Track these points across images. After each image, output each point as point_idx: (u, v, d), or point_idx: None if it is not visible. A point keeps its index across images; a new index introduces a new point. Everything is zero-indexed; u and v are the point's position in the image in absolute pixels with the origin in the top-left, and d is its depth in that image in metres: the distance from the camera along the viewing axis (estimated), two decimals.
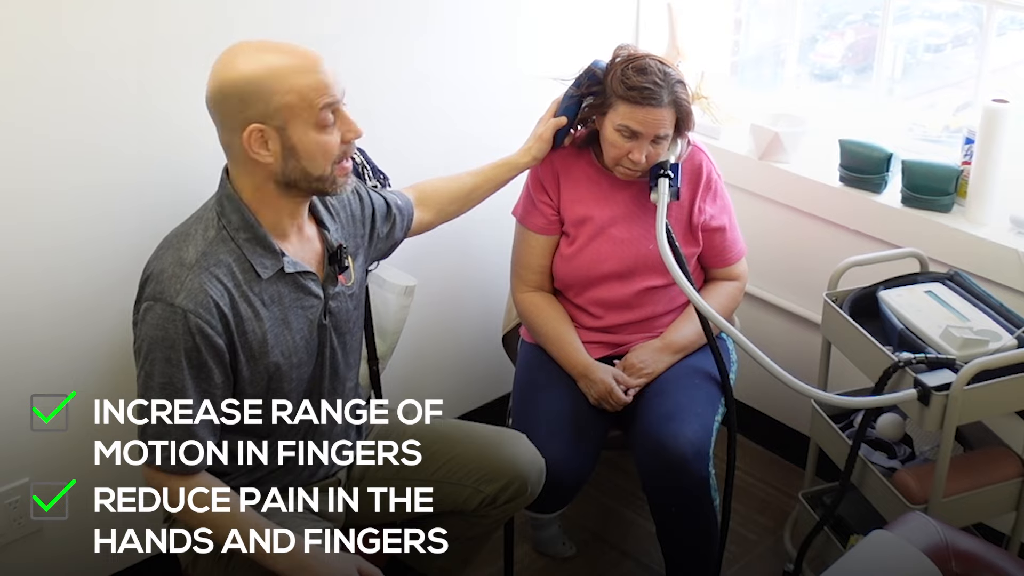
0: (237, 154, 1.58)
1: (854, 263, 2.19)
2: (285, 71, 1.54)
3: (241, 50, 1.55)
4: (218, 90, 1.54)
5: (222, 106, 1.55)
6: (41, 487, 2.08)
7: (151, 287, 1.58)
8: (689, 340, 2.19)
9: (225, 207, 1.60)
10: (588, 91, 2.05)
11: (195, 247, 1.58)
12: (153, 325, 1.56)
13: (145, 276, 1.61)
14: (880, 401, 1.92)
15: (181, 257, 1.57)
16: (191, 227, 1.62)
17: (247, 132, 1.54)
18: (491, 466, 1.88)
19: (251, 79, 1.52)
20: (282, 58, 1.55)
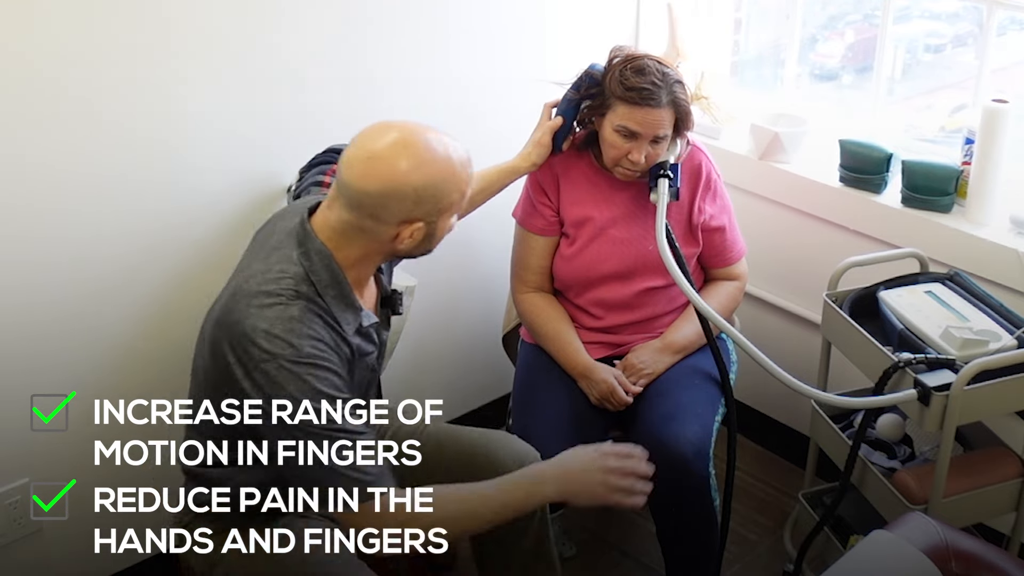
0: (374, 239, 1.56)
1: (854, 263, 2.19)
2: (456, 175, 1.56)
3: (415, 151, 1.53)
4: (389, 191, 1.51)
5: (388, 203, 1.52)
6: (41, 487, 2.08)
7: (267, 345, 1.49)
8: (689, 340, 2.19)
9: (314, 263, 1.56)
10: (587, 94, 2.05)
11: (294, 301, 1.53)
12: (294, 379, 1.50)
13: (247, 336, 1.51)
14: (880, 401, 1.92)
15: (284, 314, 1.51)
16: (277, 281, 1.54)
17: (409, 228, 1.55)
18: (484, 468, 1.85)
19: (429, 185, 1.53)
20: (452, 161, 1.55)
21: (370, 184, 1.51)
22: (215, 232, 2.14)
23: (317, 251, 1.56)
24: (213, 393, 1.60)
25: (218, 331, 1.56)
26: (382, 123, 1.58)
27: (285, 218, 1.70)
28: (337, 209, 1.56)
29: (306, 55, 2.15)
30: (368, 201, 1.52)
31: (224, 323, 1.55)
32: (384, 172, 1.51)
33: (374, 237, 1.56)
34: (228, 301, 1.57)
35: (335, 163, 2.10)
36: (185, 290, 2.14)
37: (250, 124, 2.11)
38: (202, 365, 1.66)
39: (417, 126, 1.57)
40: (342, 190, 1.55)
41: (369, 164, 1.52)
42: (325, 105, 2.22)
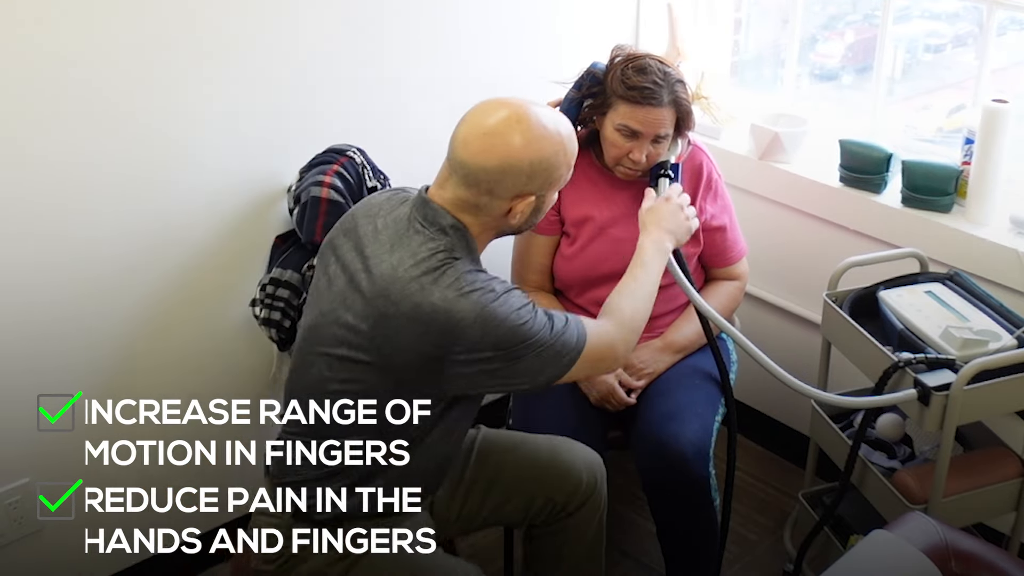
0: (488, 213, 1.61)
1: (854, 263, 2.19)
2: (566, 149, 1.63)
3: (528, 127, 1.57)
4: (506, 166, 1.56)
5: (504, 178, 1.57)
6: (47, 487, 2.08)
7: (466, 306, 1.54)
8: (690, 340, 2.19)
9: (452, 237, 1.60)
10: (588, 93, 2.05)
11: (458, 267, 1.57)
12: (498, 320, 1.55)
13: (442, 313, 1.53)
14: (880, 401, 1.92)
15: (459, 276, 1.56)
16: (430, 259, 1.57)
17: (522, 201, 1.61)
18: (556, 471, 1.90)
19: (542, 159, 1.59)
20: (562, 135, 1.62)
21: (488, 160, 1.56)
22: (215, 231, 2.14)
23: (451, 226, 1.60)
24: (403, 388, 1.61)
25: (385, 330, 1.56)
26: (492, 101, 1.61)
27: (378, 214, 1.68)
28: (451, 188, 1.60)
29: (307, 55, 2.15)
30: (485, 177, 1.57)
31: (399, 317, 1.55)
32: (501, 148, 1.56)
33: (489, 212, 1.61)
34: (383, 301, 1.56)
35: (335, 163, 2.11)
36: (186, 289, 2.14)
37: (250, 124, 2.12)
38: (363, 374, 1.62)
39: (525, 102, 1.61)
40: (457, 169, 1.58)
41: (486, 140, 1.56)
42: (325, 105, 2.22)
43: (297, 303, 2.13)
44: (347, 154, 2.14)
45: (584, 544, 1.96)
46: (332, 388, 1.63)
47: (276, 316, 2.12)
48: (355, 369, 1.61)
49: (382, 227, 1.65)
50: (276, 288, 2.12)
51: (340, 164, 2.11)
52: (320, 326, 1.65)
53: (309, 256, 2.11)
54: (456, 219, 1.60)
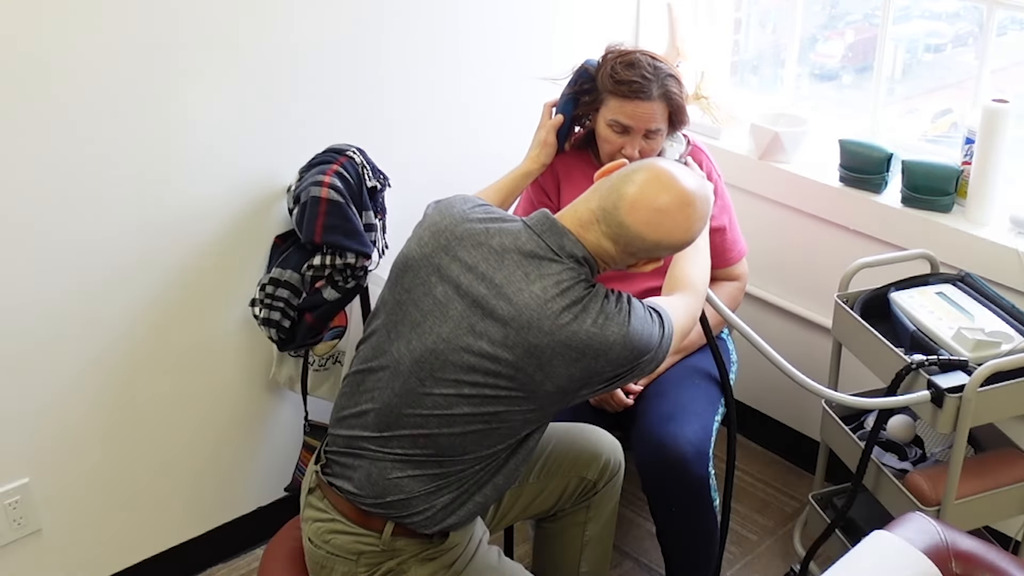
0: (617, 262, 1.68)
1: (865, 264, 2.18)
2: (707, 219, 1.73)
3: (693, 212, 1.65)
4: (663, 243, 1.65)
5: (653, 249, 1.66)
6: (43, 487, 2.08)
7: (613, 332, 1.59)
8: (690, 340, 2.19)
9: (588, 267, 1.64)
10: (581, 89, 2.05)
11: (592, 290, 1.62)
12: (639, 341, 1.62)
13: (596, 338, 1.58)
14: (894, 402, 1.91)
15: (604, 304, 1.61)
16: (575, 288, 1.61)
17: (650, 263, 1.70)
18: (587, 453, 1.97)
19: (692, 237, 1.68)
20: (709, 207, 1.71)
21: (649, 234, 1.62)
22: (215, 232, 2.14)
23: (585, 258, 1.63)
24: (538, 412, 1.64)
25: (538, 360, 1.58)
26: (666, 178, 1.64)
27: (497, 234, 1.65)
28: (595, 235, 1.64)
29: (306, 55, 2.15)
30: (640, 244, 1.64)
31: (553, 346, 1.57)
32: (667, 228, 1.63)
33: (617, 263, 1.68)
34: (532, 332, 1.57)
35: (335, 163, 2.10)
36: (185, 289, 2.14)
37: (250, 124, 2.12)
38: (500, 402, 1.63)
39: (691, 180, 1.65)
40: (614, 226, 1.62)
41: (655, 216, 1.61)
42: (325, 105, 2.22)
43: (296, 303, 2.13)
44: (347, 154, 2.14)
45: (603, 520, 2.02)
46: (459, 414, 1.62)
47: (275, 316, 2.12)
48: (490, 396, 1.60)
49: (502, 249, 1.63)
50: (276, 288, 2.12)
51: (340, 164, 2.11)
52: (443, 352, 1.61)
53: (309, 256, 2.11)
54: (589, 252, 1.64)
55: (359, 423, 1.69)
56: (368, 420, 1.68)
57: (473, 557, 1.75)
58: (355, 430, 1.69)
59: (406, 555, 1.68)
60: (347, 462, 1.69)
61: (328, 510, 1.71)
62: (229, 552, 2.46)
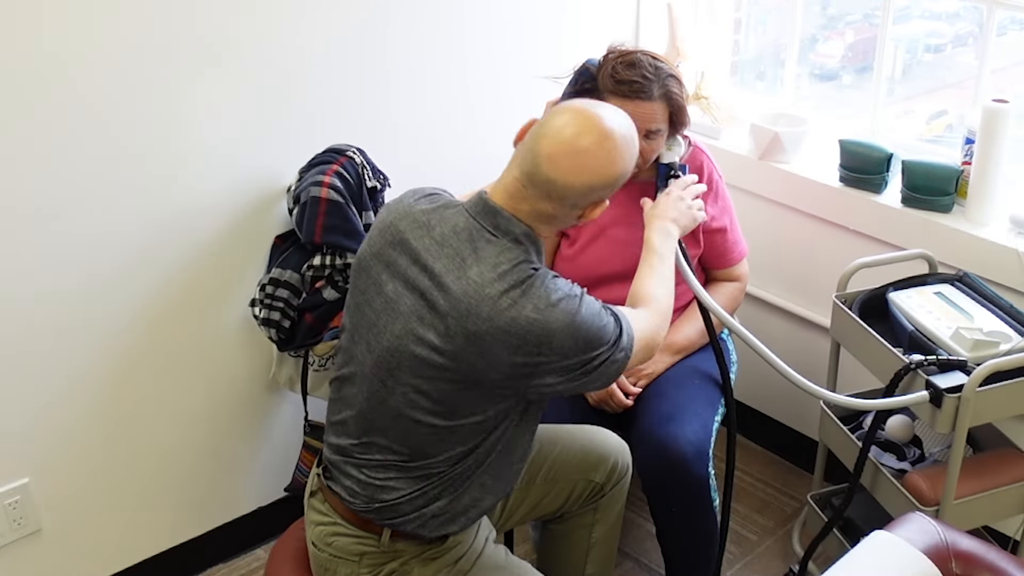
0: (563, 221, 1.62)
1: (864, 264, 2.18)
2: (637, 148, 1.65)
3: (615, 142, 1.58)
4: (596, 182, 1.57)
5: (591, 192, 1.58)
6: (43, 487, 2.08)
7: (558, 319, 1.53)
8: (690, 340, 2.19)
9: (527, 245, 1.59)
10: (582, 88, 2.05)
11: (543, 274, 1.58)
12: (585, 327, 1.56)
13: (536, 324, 1.52)
14: (892, 403, 1.91)
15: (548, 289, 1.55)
16: (515, 270, 1.55)
17: (596, 208, 1.62)
18: (594, 455, 1.96)
19: (625, 169, 1.61)
20: (632, 133, 1.63)
21: (578, 179, 1.55)
22: (215, 232, 2.14)
23: (524, 233, 1.59)
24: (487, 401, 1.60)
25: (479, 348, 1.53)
26: (572, 114, 1.58)
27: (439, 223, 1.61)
28: (530, 201, 1.57)
29: (307, 55, 2.15)
30: (572, 193, 1.57)
31: (490, 333, 1.52)
32: (592, 167, 1.56)
33: (564, 220, 1.62)
34: (470, 317, 1.52)
35: (335, 163, 2.10)
36: (185, 289, 2.14)
37: (250, 124, 2.12)
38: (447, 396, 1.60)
39: (599, 114, 1.59)
40: (541, 185, 1.56)
41: (577, 160, 1.55)
42: (325, 105, 2.22)
43: (296, 303, 2.13)
44: (347, 154, 2.14)
45: (609, 523, 2.02)
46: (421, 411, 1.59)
47: (275, 316, 2.12)
48: (444, 390, 1.58)
49: (442, 239, 1.59)
50: (276, 288, 2.12)
51: (340, 164, 2.11)
52: (397, 349, 1.59)
53: (309, 256, 2.11)
54: (529, 227, 1.59)
55: (343, 431, 1.70)
56: (349, 427, 1.68)
57: (480, 556, 1.74)
58: (341, 438, 1.70)
59: (408, 556, 1.68)
60: (339, 468, 1.70)
61: (329, 513, 1.71)
62: (229, 552, 2.46)
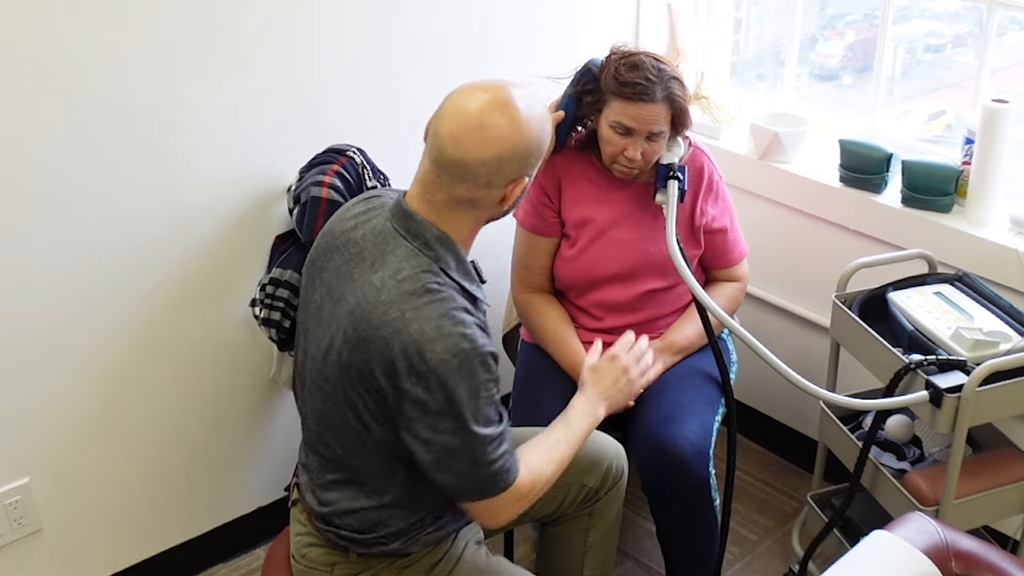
0: (483, 206, 1.55)
1: (863, 264, 2.18)
2: (548, 124, 1.59)
3: (515, 109, 1.51)
4: (506, 153, 1.50)
5: (503, 166, 1.51)
6: (43, 487, 2.08)
7: (439, 346, 1.45)
8: (690, 340, 2.19)
9: (437, 250, 1.53)
10: (584, 89, 2.05)
11: (445, 295, 1.50)
12: (467, 375, 1.47)
13: (416, 346, 1.45)
14: (892, 403, 1.91)
15: (444, 309, 1.48)
16: (414, 281, 1.49)
17: (517, 186, 1.54)
18: (588, 460, 1.91)
19: (534, 139, 1.53)
20: (545, 112, 1.58)
21: (485, 153, 1.49)
22: (215, 232, 2.14)
23: (436, 237, 1.53)
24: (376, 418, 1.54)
25: (364, 355, 1.49)
26: (464, 90, 1.53)
27: (355, 226, 1.60)
28: (443, 190, 1.52)
29: (307, 55, 2.15)
30: (484, 170, 1.50)
31: (374, 341, 1.47)
32: (497, 137, 1.49)
33: (484, 205, 1.55)
34: (364, 322, 1.48)
35: (335, 163, 2.11)
36: (185, 289, 2.14)
37: (250, 124, 2.12)
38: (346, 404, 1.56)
39: (498, 84, 1.54)
40: (450, 168, 1.50)
41: (479, 134, 1.49)
42: (325, 105, 2.22)
43: (297, 303, 2.13)
44: (347, 154, 2.14)
45: (605, 526, 1.99)
46: (340, 423, 1.56)
47: (276, 316, 2.12)
48: (350, 402, 1.54)
49: (361, 242, 1.57)
50: (276, 288, 2.12)
51: (340, 164, 2.11)
52: (319, 358, 1.56)
53: None
54: (440, 231, 1.53)
55: (303, 443, 1.70)
56: (304, 440, 1.68)
57: (459, 560, 1.71)
58: (302, 452, 1.70)
59: (380, 567, 1.65)
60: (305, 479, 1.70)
61: (305, 523, 1.70)
62: (229, 552, 2.46)
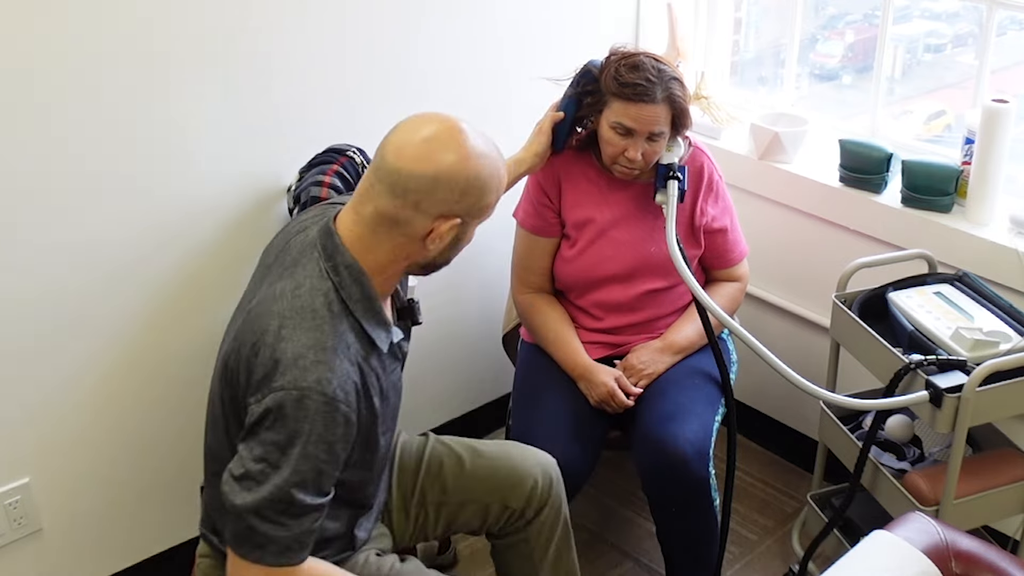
0: (406, 233, 1.49)
1: (863, 264, 2.17)
2: (500, 176, 1.53)
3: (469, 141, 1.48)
4: (442, 176, 1.46)
5: (436, 190, 1.46)
6: (43, 487, 2.08)
7: (292, 374, 1.42)
8: (690, 340, 2.19)
9: (344, 277, 1.50)
10: (584, 90, 2.05)
11: (329, 327, 1.46)
12: (307, 418, 1.42)
13: (272, 359, 1.43)
14: (892, 403, 1.91)
15: (319, 340, 1.44)
16: (309, 300, 1.47)
17: (446, 224, 1.49)
18: (508, 479, 1.87)
19: (478, 178, 1.48)
20: (498, 160, 1.53)
21: (423, 167, 1.45)
22: (215, 231, 2.14)
23: (346, 265, 1.49)
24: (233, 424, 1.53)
25: (237, 354, 1.49)
26: (428, 113, 1.51)
27: (300, 231, 1.61)
28: (374, 200, 1.48)
29: (307, 55, 2.15)
30: (415, 186, 1.45)
31: (247, 344, 1.47)
32: (439, 156, 1.45)
33: (407, 232, 1.49)
34: (251, 323, 1.49)
35: (335, 163, 2.10)
36: (185, 289, 2.14)
37: (250, 124, 2.11)
38: (218, 398, 1.57)
39: (462, 119, 1.52)
40: (385, 176, 1.46)
41: (424, 147, 1.46)
42: (325, 105, 2.22)
43: None
44: (347, 154, 2.14)
45: (552, 546, 1.92)
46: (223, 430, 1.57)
47: None
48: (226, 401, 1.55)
49: (287, 247, 1.57)
50: None
51: (340, 164, 2.11)
52: (219, 358, 1.59)
53: None
54: (353, 259, 1.49)
55: None
56: None
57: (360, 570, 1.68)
58: None
59: None
60: None
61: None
62: None
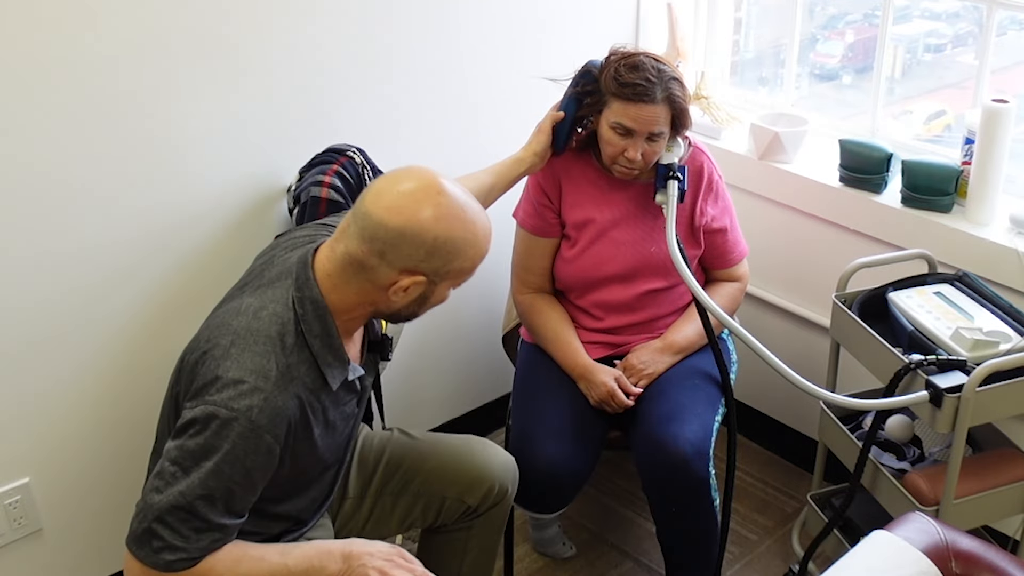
0: (371, 280, 1.50)
1: (863, 264, 2.17)
2: (477, 243, 1.52)
3: (448, 203, 1.48)
4: (408, 231, 1.46)
5: (401, 244, 1.46)
6: (43, 487, 2.08)
7: (227, 392, 1.43)
8: (690, 340, 2.19)
9: (308, 311, 1.51)
10: (584, 90, 2.05)
11: (277, 358, 1.47)
12: (228, 438, 1.43)
13: (214, 373, 1.46)
14: (892, 403, 1.91)
15: (264, 368, 1.45)
16: (267, 325, 1.49)
17: (409, 279, 1.49)
18: (469, 476, 1.89)
19: (448, 241, 1.48)
20: (477, 227, 1.52)
21: (393, 218, 1.46)
22: (215, 232, 2.14)
23: (312, 300, 1.51)
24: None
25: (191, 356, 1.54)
26: (415, 168, 1.52)
27: (287, 250, 1.63)
28: (346, 240, 1.49)
29: (307, 55, 2.15)
30: (382, 235, 1.46)
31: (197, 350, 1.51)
32: (410, 211, 1.46)
33: (372, 279, 1.50)
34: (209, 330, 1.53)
35: (335, 163, 2.11)
36: (185, 289, 2.14)
37: (250, 124, 2.12)
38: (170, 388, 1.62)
39: (457, 185, 1.52)
40: (359, 219, 1.48)
41: (398, 199, 1.46)
42: (325, 105, 2.22)
43: None
44: (347, 154, 2.14)
45: (489, 538, 1.97)
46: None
47: None
48: None
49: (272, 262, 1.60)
50: None
51: (340, 164, 2.11)
52: None
53: None
54: (320, 297, 1.50)
55: None
56: None
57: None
58: None
59: None
60: None
61: None
62: None
